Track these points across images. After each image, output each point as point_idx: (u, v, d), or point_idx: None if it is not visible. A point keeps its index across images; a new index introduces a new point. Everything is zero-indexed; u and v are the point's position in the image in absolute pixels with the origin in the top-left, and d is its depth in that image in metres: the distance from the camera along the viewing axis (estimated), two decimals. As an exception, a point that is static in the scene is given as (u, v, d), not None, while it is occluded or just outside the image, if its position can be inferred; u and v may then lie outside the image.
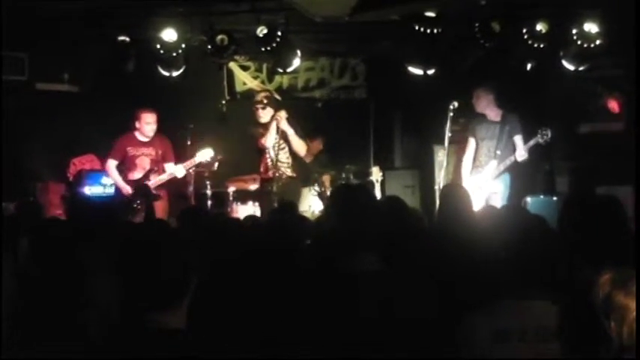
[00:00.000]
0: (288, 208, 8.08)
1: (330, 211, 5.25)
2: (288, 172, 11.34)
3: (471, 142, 11.24)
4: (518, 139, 10.95)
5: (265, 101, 11.40)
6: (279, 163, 11.18)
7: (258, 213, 11.46)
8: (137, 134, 11.55)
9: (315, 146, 12.38)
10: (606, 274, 2.77)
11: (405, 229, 5.62)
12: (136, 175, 11.45)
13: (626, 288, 2.71)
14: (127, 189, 11.34)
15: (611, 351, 2.68)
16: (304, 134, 11.34)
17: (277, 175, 11.12)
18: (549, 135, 10.61)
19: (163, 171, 11.60)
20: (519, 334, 3.67)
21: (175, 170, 11.55)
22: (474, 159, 11.23)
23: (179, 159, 11.76)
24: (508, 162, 10.89)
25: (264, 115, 11.31)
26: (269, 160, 11.27)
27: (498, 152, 10.94)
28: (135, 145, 11.50)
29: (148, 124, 11.49)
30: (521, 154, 10.76)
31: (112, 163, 11.50)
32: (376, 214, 4.58)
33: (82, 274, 4.11)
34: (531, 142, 10.73)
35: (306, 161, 12.30)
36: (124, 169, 11.49)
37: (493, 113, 11.15)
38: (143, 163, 11.50)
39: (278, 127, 11.08)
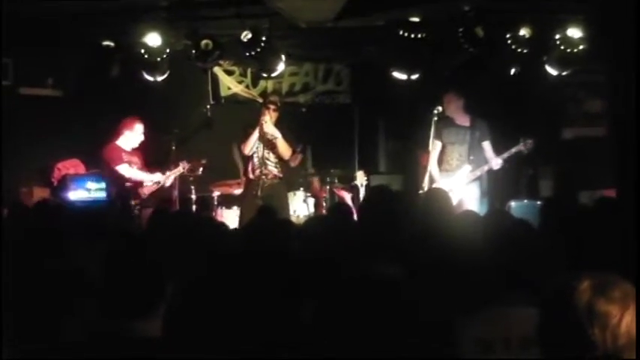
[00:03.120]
0: (269, 212, 8.01)
1: (365, 212, 5.19)
2: (275, 171, 11.24)
3: (437, 145, 11.02)
4: (487, 144, 10.81)
5: (278, 104, 11.43)
6: (267, 161, 11.10)
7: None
8: (121, 143, 11.44)
9: (295, 158, 12.33)
10: (585, 281, 2.72)
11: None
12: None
13: (606, 294, 2.68)
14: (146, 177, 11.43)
15: (594, 358, 2.64)
16: (291, 140, 11.25)
17: (264, 174, 11.04)
18: (532, 145, 10.52)
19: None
20: (504, 342, 3.63)
21: (162, 178, 11.52)
22: (442, 162, 11.07)
23: (164, 164, 11.70)
24: (486, 168, 10.77)
25: (273, 116, 11.21)
26: (256, 159, 11.17)
27: (472, 157, 10.82)
28: (125, 153, 11.41)
29: (139, 135, 11.44)
30: (497, 162, 10.65)
31: (126, 166, 11.37)
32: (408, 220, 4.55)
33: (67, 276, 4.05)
34: (513, 150, 10.58)
35: (292, 165, 12.26)
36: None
37: (462, 118, 11.01)
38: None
39: (260, 134, 11.00)
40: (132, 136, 11.43)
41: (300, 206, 12.12)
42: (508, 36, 10.98)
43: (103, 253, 3.41)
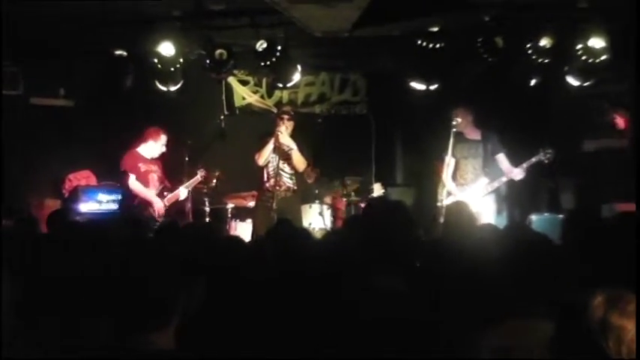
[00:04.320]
0: (287, 224, 8.04)
1: (362, 224, 5.22)
2: (289, 183, 11.26)
3: (451, 162, 10.94)
4: (501, 157, 10.78)
5: (292, 114, 11.41)
6: (281, 172, 11.12)
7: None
8: (142, 151, 11.50)
9: (311, 174, 12.30)
10: (600, 296, 2.78)
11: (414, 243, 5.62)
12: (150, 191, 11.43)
13: (620, 308, 2.73)
14: (157, 201, 11.38)
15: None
16: (306, 152, 11.26)
17: (278, 186, 11.01)
18: (552, 155, 10.49)
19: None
20: (526, 351, 3.66)
21: (180, 191, 11.58)
22: (456, 177, 11.04)
23: (177, 176, 11.74)
24: (503, 179, 10.76)
25: (289, 126, 11.20)
26: (271, 170, 11.15)
27: (487, 169, 10.81)
28: (144, 162, 11.46)
29: (162, 146, 11.51)
30: (518, 172, 10.62)
31: (133, 178, 11.34)
32: (410, 232, 4.59)
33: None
34: (533, 160, 10.55)
35: (308, 181, 12.25)
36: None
37: (473, 133, 10.98)
38: (154, 180, 11.49)
39: (275, 145, 11.03)
40: (155, 146, 11.51)
41: (315, 219, 12.13)
42: (528, 46, 10.98)
43: (114, 265, 3.47)
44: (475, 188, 10.78)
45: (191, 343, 3.59)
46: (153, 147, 11.50)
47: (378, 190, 12.56)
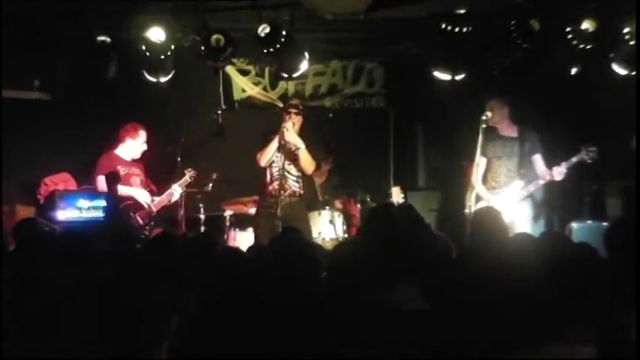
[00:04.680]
0: (293, 234, 8.04)
1: (368, 234, 5.23)
2: (296, 187, 11.11)
3: (481, 162, 10.96)
4: (538, 157, 10.72)
5: (301, 108, 11.25)
6: (287, 175, 10.95)
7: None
8: (120, 153, 11.48)
9: (324, 167, 12.30)
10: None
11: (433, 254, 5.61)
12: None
13: None
14: (144, 196, 11.43)
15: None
16: (314, 150, 11.18)
17: (283, 189, 10.84)
18: (596, 153, 10.41)
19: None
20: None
21: (173, 190, 11.57)
22: (487, 179, 10.99)
23: (167, 180, 11.73)
24: (541, 182, 10.70)
25: (297, 122, 11.04)
26: (275, 171, 11.01)
27: (522, 171, 10.75)
28: (124, 164, 11.43)
29: (142, 145, 11.48)
30: (559, 171, 10.55)
31: (102, 178, 11.28)
32: (422, 240, 4.59)
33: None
34: (574, 160, 10.45)
35: (317, 182, 12.21)
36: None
37: (508, 129, 10.93)
38: (137, 184, 11.48)
39: (280, 144, 10.95)
40: (134, 145, 11.47)
41: (325, 227, 12.08)
42: (568, 30, 10.96)
43: (97, 284, 3.48)
44: (509, 192, 10.74)
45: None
46: (132, 146, 11.49)
47: (396, 194, 12.54)
